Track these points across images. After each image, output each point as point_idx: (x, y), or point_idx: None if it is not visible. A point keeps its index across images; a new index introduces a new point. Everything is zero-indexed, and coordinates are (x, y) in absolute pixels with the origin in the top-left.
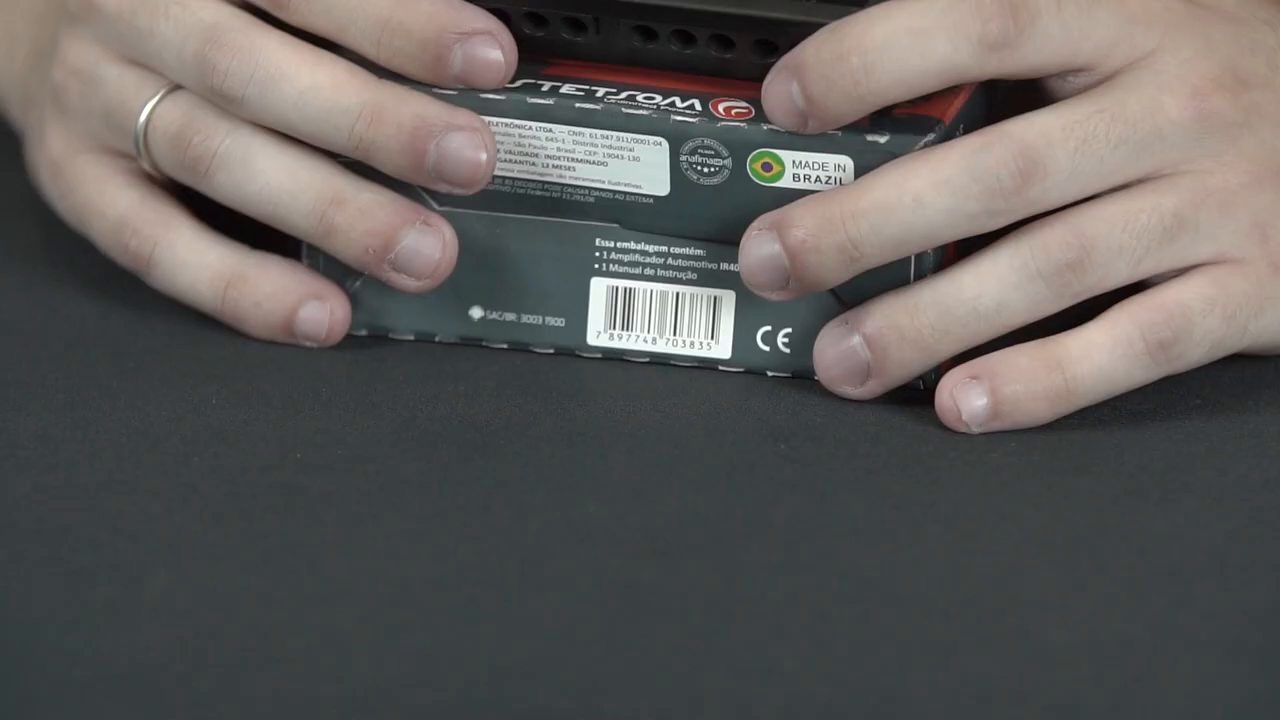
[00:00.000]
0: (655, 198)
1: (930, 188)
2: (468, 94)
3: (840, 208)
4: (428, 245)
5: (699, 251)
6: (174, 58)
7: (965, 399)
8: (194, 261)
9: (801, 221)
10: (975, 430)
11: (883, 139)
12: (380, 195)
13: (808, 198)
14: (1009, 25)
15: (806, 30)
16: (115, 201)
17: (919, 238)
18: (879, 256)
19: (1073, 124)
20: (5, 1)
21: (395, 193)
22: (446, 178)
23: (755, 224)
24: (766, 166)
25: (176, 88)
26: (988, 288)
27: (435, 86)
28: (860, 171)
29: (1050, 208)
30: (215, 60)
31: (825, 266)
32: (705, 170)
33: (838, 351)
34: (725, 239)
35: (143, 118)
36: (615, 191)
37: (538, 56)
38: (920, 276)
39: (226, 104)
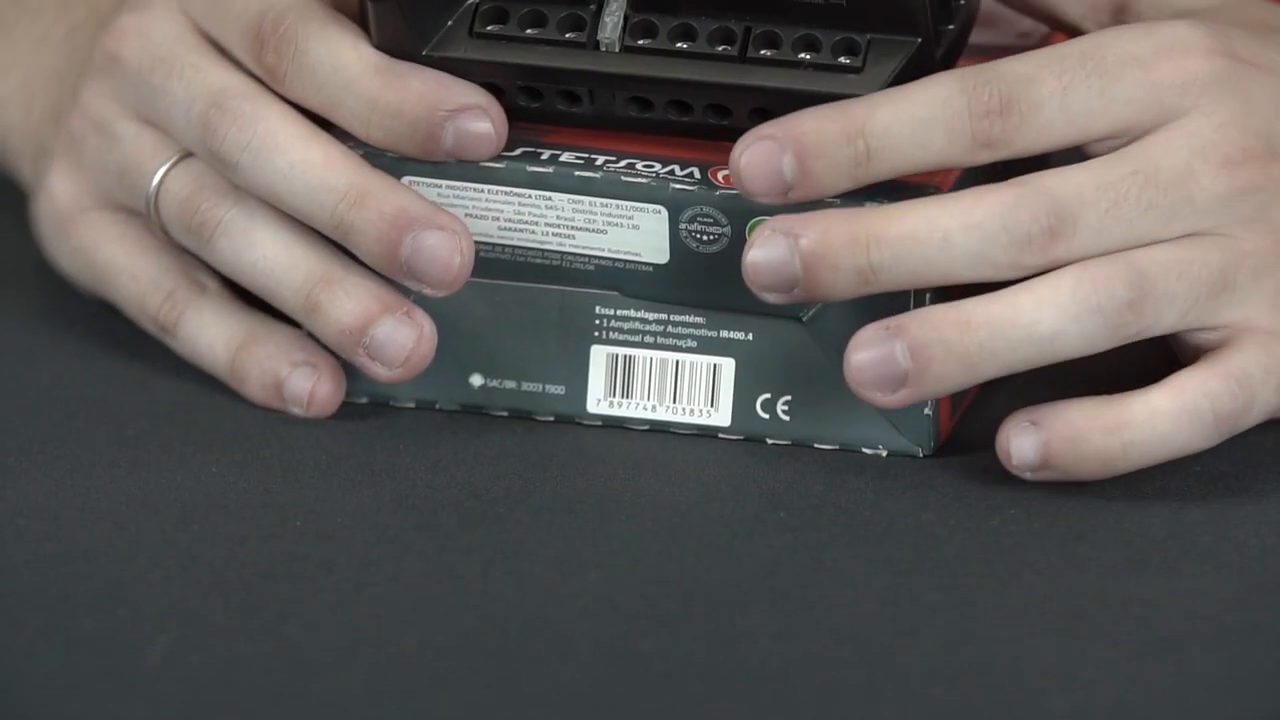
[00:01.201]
0: (655, 265)
1: (960, 230)
2: (466, 164)
3: (867, 230)
4: (403, 335)
5: (698, 319)
6: (182, 118)
7: (1019, 445)
8: (217, 325)
9: (824, 234)
10: (1028, 476)
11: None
12: (368, 281)
13: (829, 210)
14: (999, 125)
15: (803, 99)
16: (146, 265)
17: (938, 275)
18: (892, 284)
19: (1106, 185)
20: (26, 59)
21: (385, 282)
22: (418, 274)
23: (772, 223)
24: None
25: (189, 154)
26: (1045, 315)
27: (427, 162)
28: None
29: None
30: (217, 124)
31: (838, 284)
32: (704, 238)
33: (875, 355)
34: (725, 306)
35: (156, 180)
36: (615, 259)
37: (536, 125)
38: None
39: (223, 168)
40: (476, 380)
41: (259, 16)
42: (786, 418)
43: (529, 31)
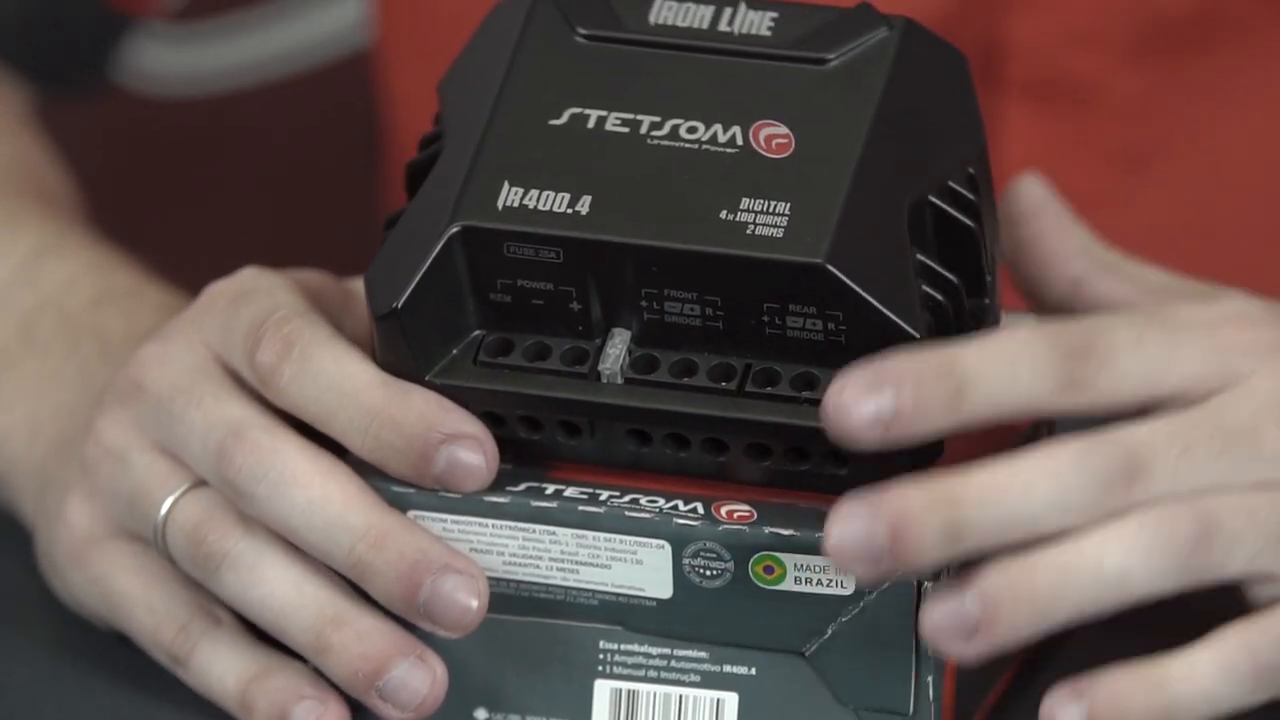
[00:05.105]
0: (658, 600)
1: (1041, 476)
2: (472, 499)
3: (947, 489)
4: (417, 679)
5: (702, 653)
6: (199, 446)
7: (1064, 715)
8: (229, 658)
9: (906, 499)
10: None
11: None
12: (380, 623)
13: (907, 479)
14: (1080, 367)
15: (797, 434)
16: (161, 596)
17: (1023, 527)
18: (978, 542)
19: (1176, 433)
20: (33, 394)
21: (394, 623)
22: (434, 617)
23: (848, 500)
24: (768, 569)
25: (201, 484)
26: (1111, 554)
27: (413, 484)
28: None
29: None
30: (234, 454)
31: (925, 546)
32: (707, 573)
33: (947, 608)
34: (728, 641)
35: (164, 509)
36: (618, 594)
37: (542, 460)
38: (920, 681)
39: (238, 498)
40: (481, 715)
41: (263, 318)
42: None
43: (533, 363)
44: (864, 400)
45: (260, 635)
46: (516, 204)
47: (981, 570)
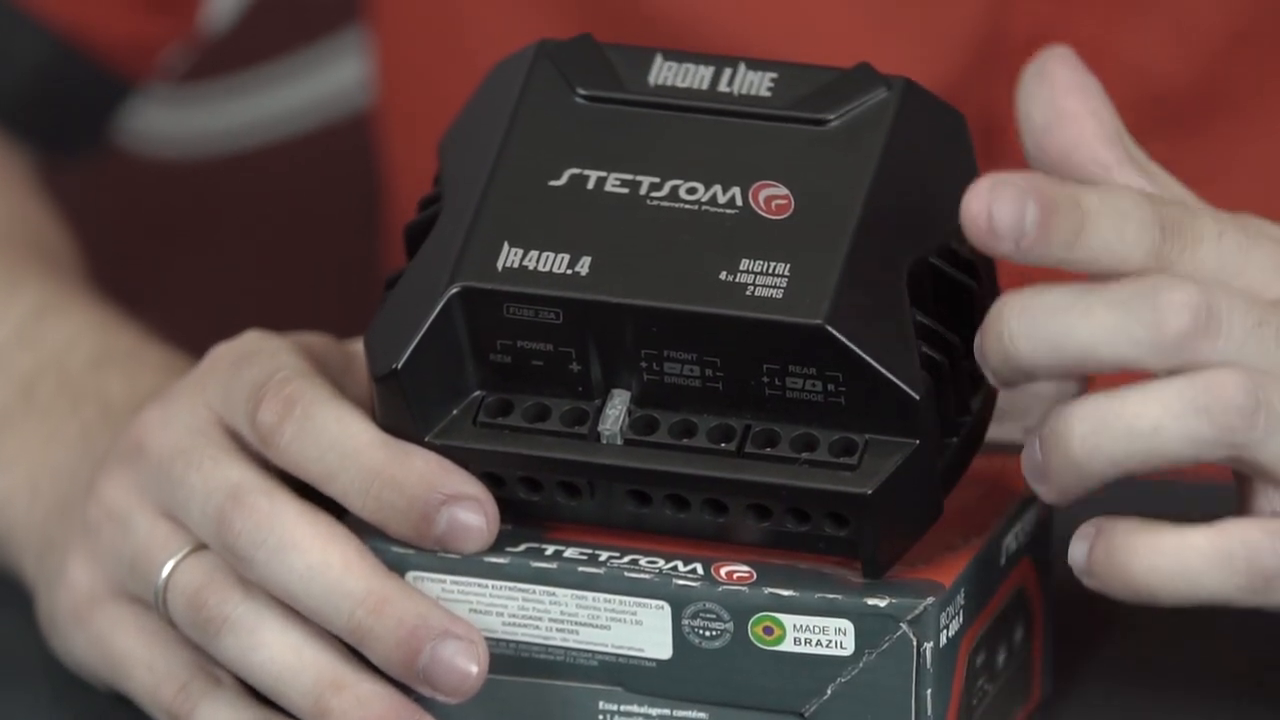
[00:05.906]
0: (658, 661)
1: (1103, 305)
2: (471, 559)
3: (1030, 292)
4: None
5: (701, 714)
6: (198, 510)
7: (1075, 547)
8: (230, 718)
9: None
10: (1084, 581)
11: (883, 603)
12: (379, 688)
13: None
14: (1169, 245)
15: (797, 495)
16: (162, 656)
17: (1076, 347)
18: (1029, 357)
19: (1251, 308)
20: (33, 455)
21: (394, 688)
22: (433, 682)
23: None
24: (768, 630)
25: (202, 547)
26: (1148, 408)
27: (414, 545)
28: (860, 636)
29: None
30: (233, 518)
31: (986, 349)
32: (707, 634)
33: (1025, 453)
34: (727, 702)
35: (165, 573)
36: (618, 655)
37: (542, 521)
38: None
39: (237, 563)
40: None
41: (265, 379)
42: None
43: (532, 424)
44: (1010, 206)
45: (260, 696)
46: (516, 265)
47: (1050, 413)
